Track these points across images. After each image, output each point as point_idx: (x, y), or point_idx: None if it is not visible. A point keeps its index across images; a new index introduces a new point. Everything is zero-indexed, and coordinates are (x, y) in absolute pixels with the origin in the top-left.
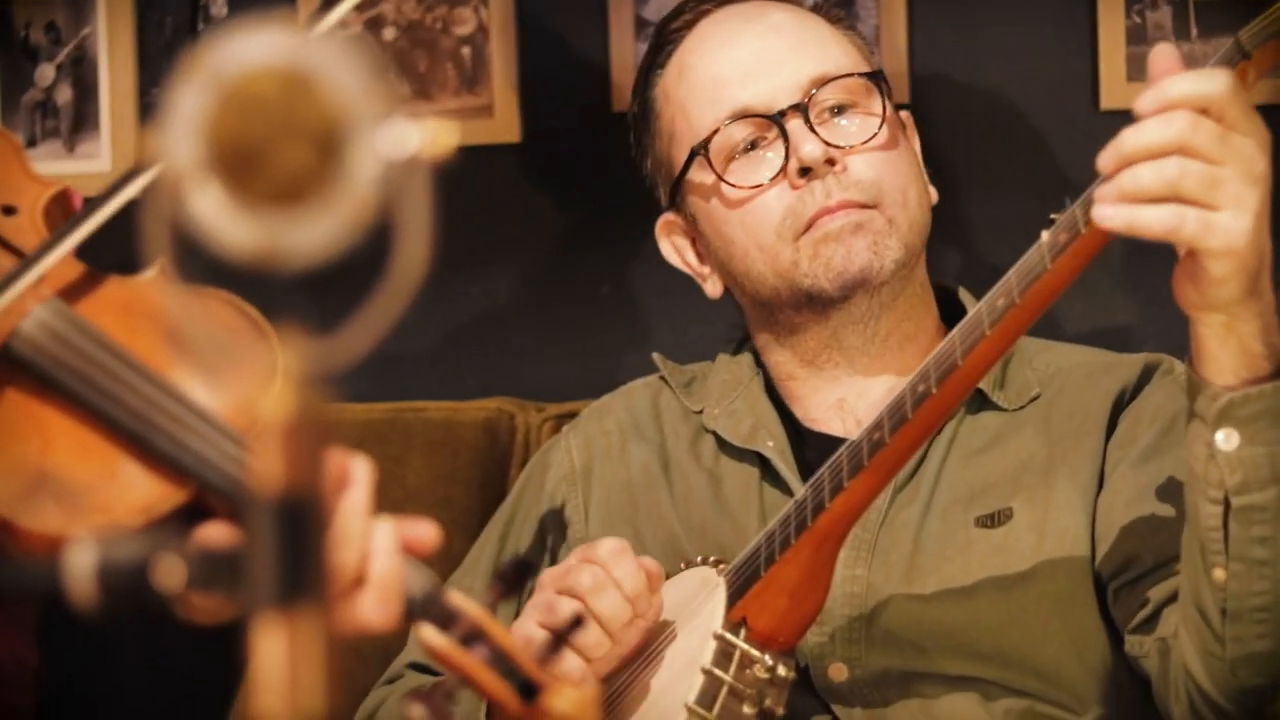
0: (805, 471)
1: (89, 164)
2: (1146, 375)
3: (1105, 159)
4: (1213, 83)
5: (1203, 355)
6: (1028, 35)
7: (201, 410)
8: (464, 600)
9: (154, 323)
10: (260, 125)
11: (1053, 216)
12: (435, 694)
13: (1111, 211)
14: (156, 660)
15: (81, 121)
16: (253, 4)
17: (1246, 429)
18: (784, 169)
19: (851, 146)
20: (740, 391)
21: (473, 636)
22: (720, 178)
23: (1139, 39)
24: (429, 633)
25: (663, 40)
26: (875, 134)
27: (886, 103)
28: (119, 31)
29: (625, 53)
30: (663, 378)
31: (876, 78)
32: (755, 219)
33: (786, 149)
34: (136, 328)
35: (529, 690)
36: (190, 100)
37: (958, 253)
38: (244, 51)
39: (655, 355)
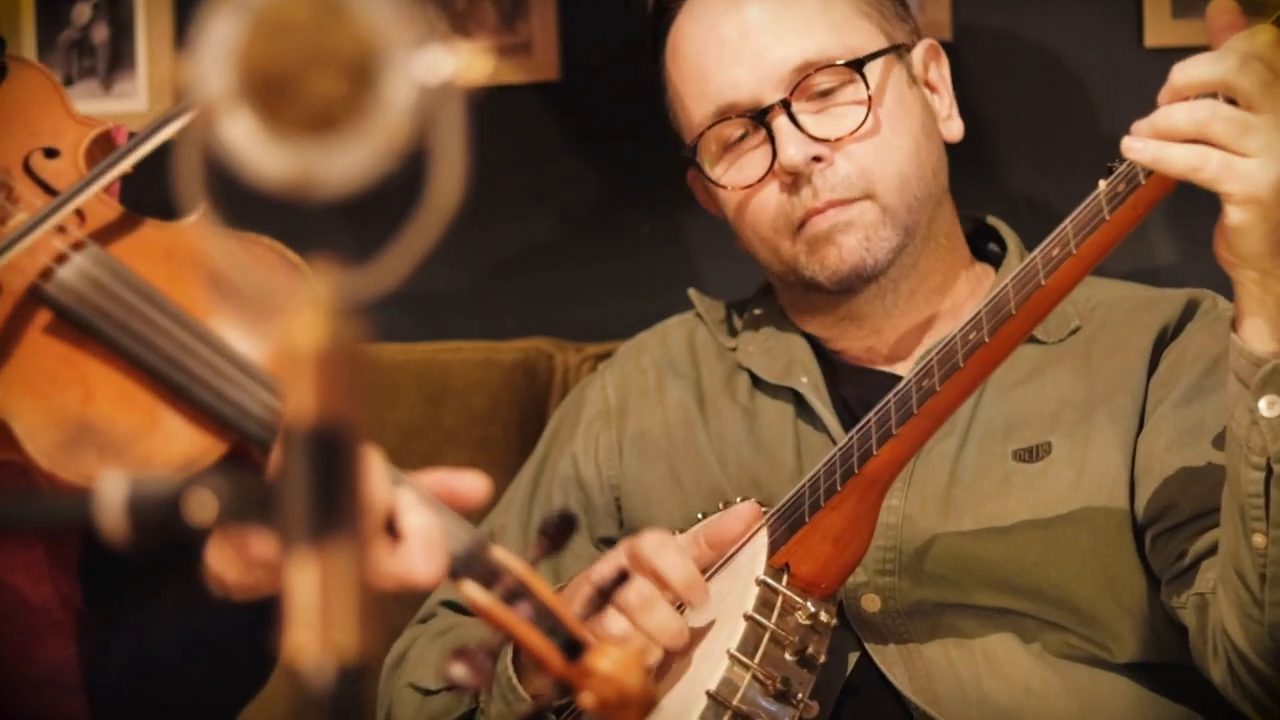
0: (840, 407)
1: (126, 103)
2: (1189, 312)
3: (1163, 96)
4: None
5: (1243, 316)
6: None
7: (244, 360)
8: (508, 556)
9: (196, 269)
10: (292, 52)
11: (1110, 165)
12: (478, 652)
13: (1140, 145)
14: (194, 635)
15: (118, 60)
16: None
17: None
18: (772, 169)
19: (839, 139)
20: (774, 328)
21: (516, 594)
22: (714, 182)
23: None
24: (472, 589)
25: (660, 10)
26: (862, 123)
27: (876, 84)
28: None
29: None
30: (698, 314)
31: (859, 65)
32: (752, 215)
33: (773, 148)
34: (178, 274)
35: (573, 648)
36: (221, 28)
37: (1001, 191)
38: None
39: (691, 291)
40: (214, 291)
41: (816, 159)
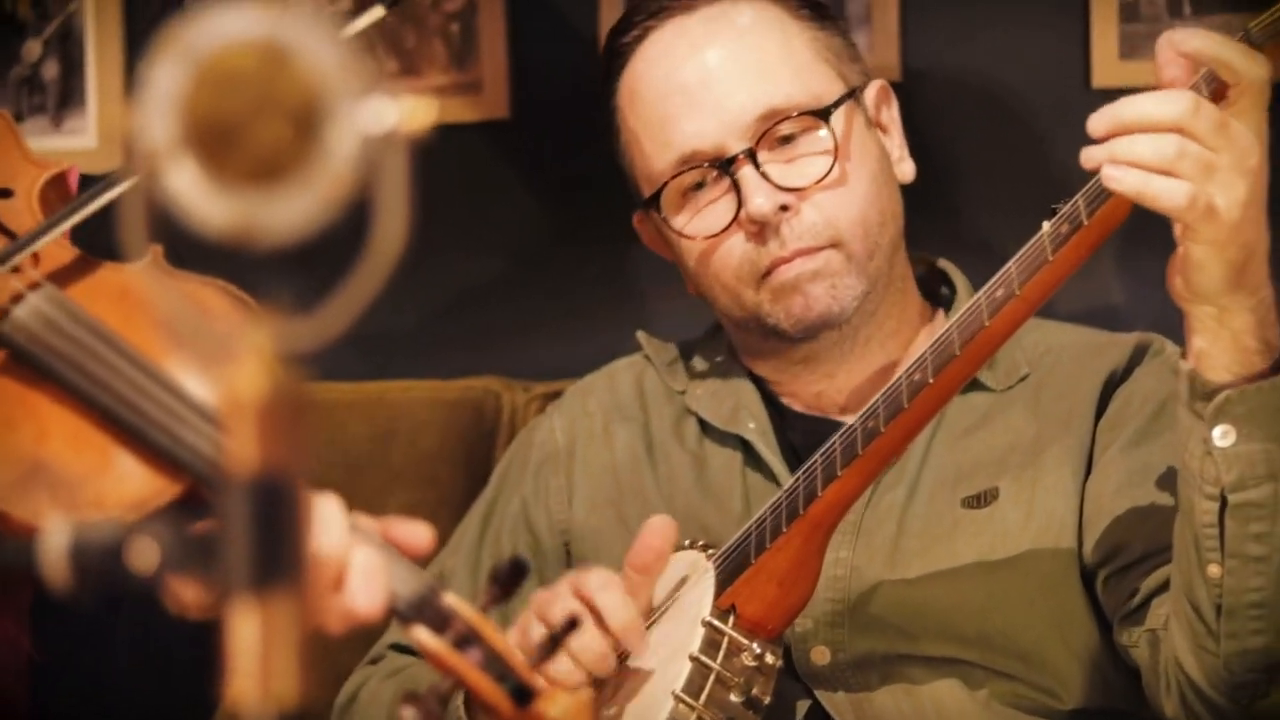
0: (788, 453)
1: (76, 140)
2: (1138, 356)
3: (1099, 122)
4: (1245, 60)
5: (1197, 350)
6: (1020, 12)
7: (198, 402)
8: (458, 602)
9: (150, 311)
10: (237, 101)
11: (1054, 207)
12: (429, 697)
13: (1120, 173)
14: (150, 652)
15: (68, 97)
16: None
17: (1243, 425)
18: (737, 218)
19: (805, 188)
20: (722, 373)
21: (467, 639)
22: (678, 233)
23: (1132, 16)
24: (423, 634)
25: (613, 50)
26: (828, 172)
27: (840, 132)
28: (106, 6)
29: None
30: (646, 356)
31: (825, 114)
32: (715, 263)
33: (738, 197)
34: (132, 316)
35: (523, 695)
36: (166, 76)
37: (949, 231)
38: (221, 26)
39: (640, 333)
40: (167, 333)
41: (783, 208)
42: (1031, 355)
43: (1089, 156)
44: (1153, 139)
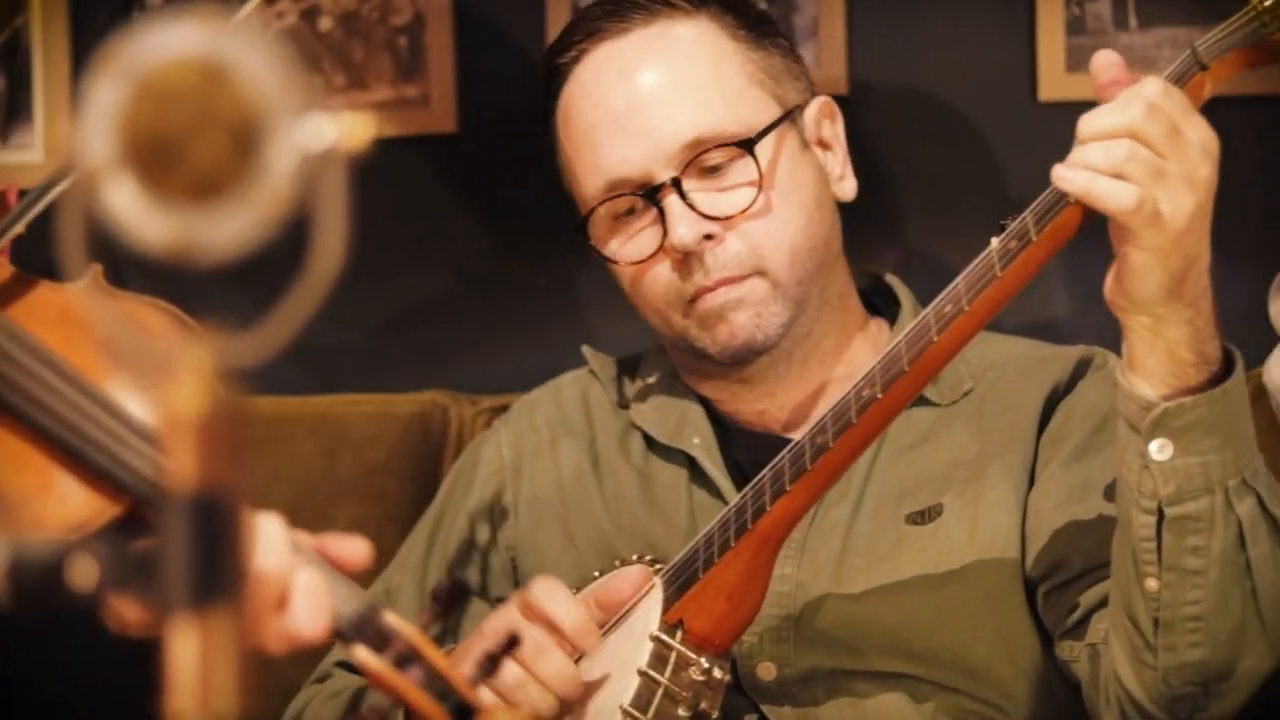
0: (733, 469)
1: (22, 154)
2: (1080, 370)
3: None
4: (1153, 85)
5: (1134, 361)
6: (967, 26)
7: (138, 423)
8: (399, 621)
9: (90, 331)
10: (176, 119)
11: (1002, 222)
12: (370, 716)
13: (1070, 174)
14: (90, 669)
15: (15, 112)
16: None
17: (1180, 439)
18: (663, 246)
19: (730, 217)
20: (667, 389)
21: (407, 658)
22: (606, 259)
23: (1078, 30)
24: (363, 653)
25: (551, 71)
26: (753, 202)
27: (768, 159)
28: (53, 20)
29: None
30: (592, 371)
31: (750, 145)
32: (644, 288)
33: (664, 225)
34: (72, 336)
35: (463, 713)
36: (105, 93)
37: (896, 243)
38: (160, 43)
39: (585, 348)
40: (106, 353)
41: (708, 237)
42: (976, 369)
43: (1056, 175)
44: (1104, 145)
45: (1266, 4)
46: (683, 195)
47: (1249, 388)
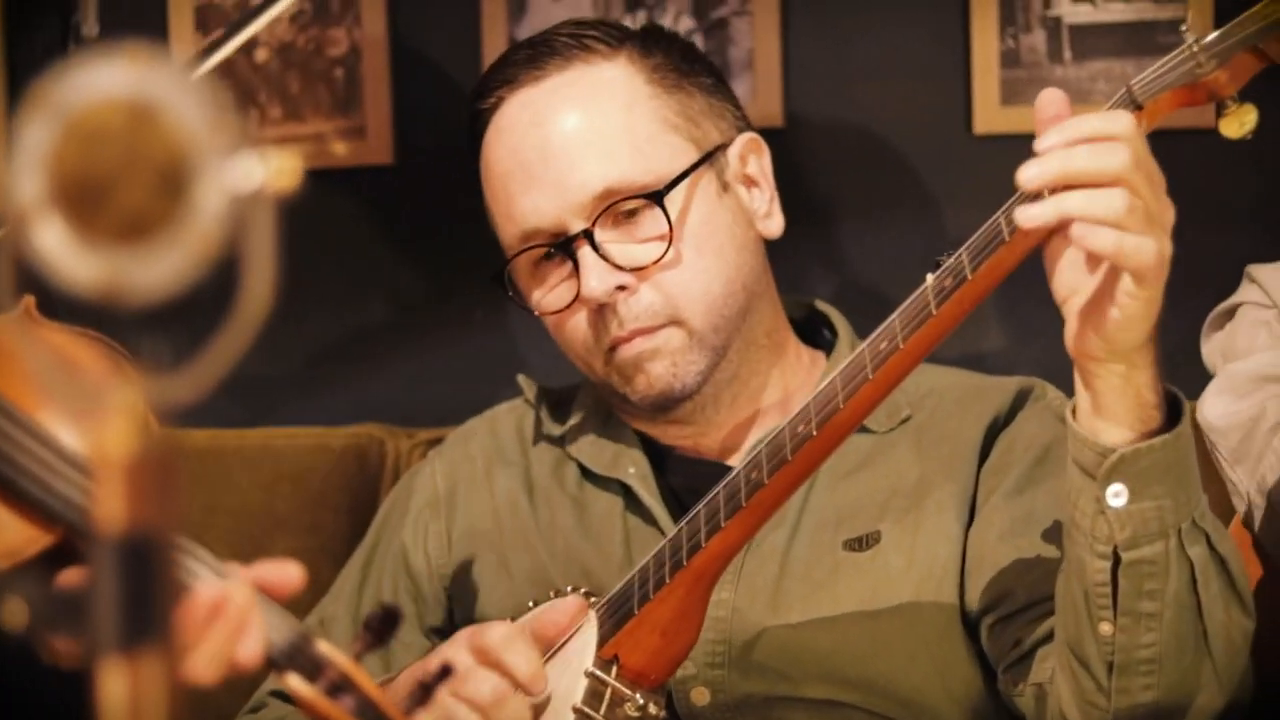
0: (669, 498)
1: None
2: (1020, 401)
3: (1034, 175)
4: (1122, 123)
5: (1102, 409)
6: (903, 58)
7: (71, 454)
8: (331, 649)
9: (20, 362)
10: (105, 160)
11: (938, 259)
12: None
13: (1092, 233)
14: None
15: None
16: (125, 25)
17: (1137, 484)
18: (579, 296)
19: (643, 268)
20: (602, 418)
21: (340, 687)
22: (526, 307)
23: (1013, 63)
24: (296, 682)
25: (473, 115)
26: (663, 254)
27: (680, 209)
28: None
29: None
30: (527, 401)
31: (659, 197)
32: (565, 335)
33: (578, 276)
34: (3, 367)
35: None
36: (34, 134)
37: (832, 275)
38: (89, 84)
39: (520, 377)
40: (37, 385)
41: (621, 288)
42: (913, 397)
43: (1031, 216)
44: (1105, 194)
45: (1201, 43)
46: (595, 246)
47: (1189, 406)
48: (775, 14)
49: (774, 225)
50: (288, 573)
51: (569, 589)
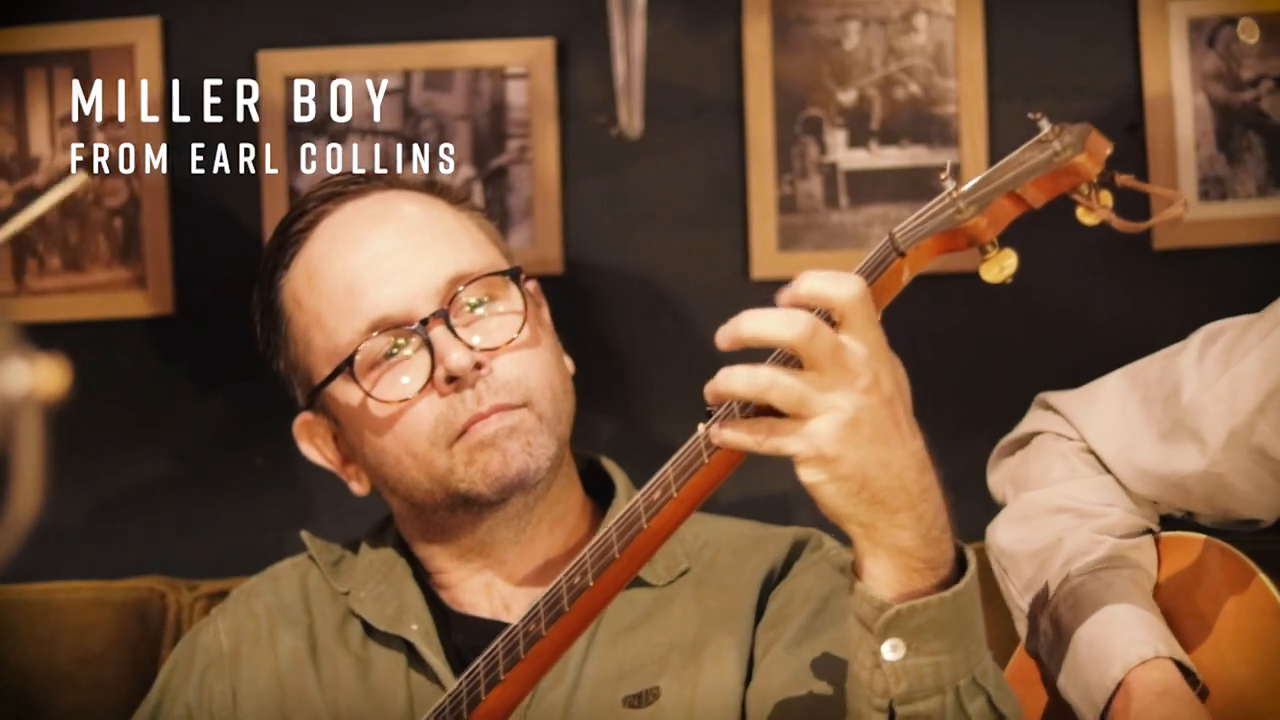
0: (452, 655)
1: None
2: (795, 552)
3: (722, 335)
4: (843, 286)
5: (859, 567)
6: (680, 204)
7: None
8: None
9: None
10: None
11: (709, 409)
12: None
13: (715, 429)
14: None
15: None
16: None
17: (914, 640)
18: (431, 378)
19: (497, 347)
20: (386, 574)
21: None
22: (368, 394)
23: (790, 208)
24: None
25: (285, 240)
26: (519, 330)
27: (525, 297)
28: None
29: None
30: (311, 556)
31: (515, 274)
32: (406, 429)
33: (432, 357)
34: None
35: None
36: None
37: (610, 423)
38: None
39: (304, 534)
40: None
41: (477, 366)
42: (691, 548)
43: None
44: (748, 372)
45: (960, 191)
46: (450, 327)
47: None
48: (555, 162)
49: (567, 363)
50: None
51: None
